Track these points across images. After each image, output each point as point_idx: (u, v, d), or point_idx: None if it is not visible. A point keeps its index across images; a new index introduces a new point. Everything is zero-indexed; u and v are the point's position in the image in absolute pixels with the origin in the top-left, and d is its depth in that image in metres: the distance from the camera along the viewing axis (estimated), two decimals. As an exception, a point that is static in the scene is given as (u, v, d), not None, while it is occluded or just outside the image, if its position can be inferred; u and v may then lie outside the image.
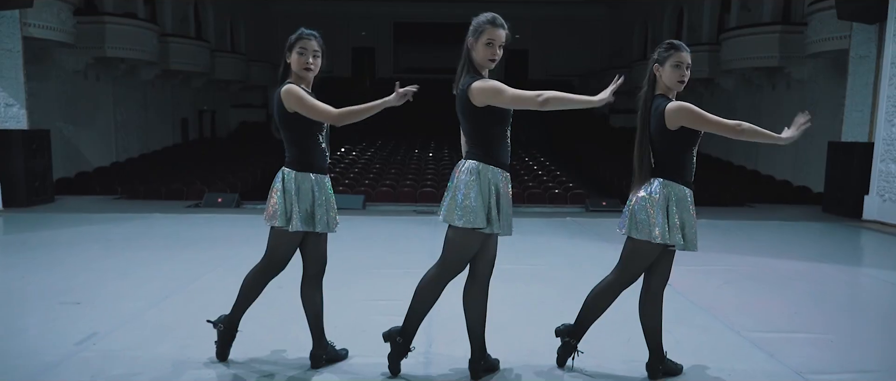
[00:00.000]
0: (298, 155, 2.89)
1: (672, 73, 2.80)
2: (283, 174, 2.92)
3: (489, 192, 2.74)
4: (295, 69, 2.88)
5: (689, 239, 2.82)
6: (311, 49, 2.87)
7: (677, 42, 2.87)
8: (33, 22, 11.57)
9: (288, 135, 2.89)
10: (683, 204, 2.80)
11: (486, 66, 2.75)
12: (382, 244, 6.63)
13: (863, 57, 10.06)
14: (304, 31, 2.91)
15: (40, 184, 9.33)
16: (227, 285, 4.66)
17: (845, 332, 3.80)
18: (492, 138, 2.76)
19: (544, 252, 6.23)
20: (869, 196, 8.91)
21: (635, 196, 2.85)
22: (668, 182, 2.79)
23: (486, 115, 2.72)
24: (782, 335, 3.68)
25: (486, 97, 2.66)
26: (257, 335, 3.48)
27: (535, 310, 4.15)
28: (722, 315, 4.03)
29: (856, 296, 4.84)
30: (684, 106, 2.74)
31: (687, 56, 2.82)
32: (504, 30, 2.75)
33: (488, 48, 2.72)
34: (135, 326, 3.69)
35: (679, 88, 2.84)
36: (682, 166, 2.81)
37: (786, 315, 4.14)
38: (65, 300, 4.17)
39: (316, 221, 2.90)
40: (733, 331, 3.74)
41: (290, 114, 2.81)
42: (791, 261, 5.98)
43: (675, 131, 2.76)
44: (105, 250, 5.97)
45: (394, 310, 4.06)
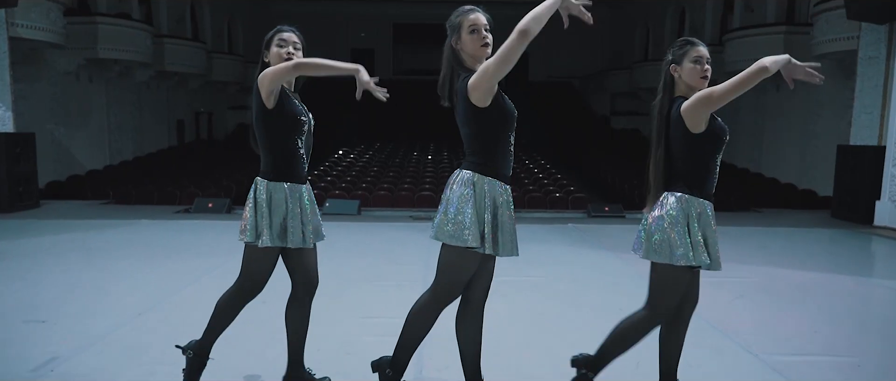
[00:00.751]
0: (274, 162, 2.60)
1: (693, 69, 2.50)
2: (256, 185, 2.64)
3: (484, 207, 2.43)
4: (274, 64, 2.60)
5: (715, 258, 2.51)
6: (290, 41, 2.63)
7: (692, 38, 2.58)
8: (21, 22, 11.30)
9: (264, 139, 2.60)
10: (705, 219, 2.50)
11: (480, 55, 2.46)
12: (376, 253, 6.35)
13: (872, 58, 9.79)
14: (280, 26, 2.69)
15: (25, 189, 9.05)
16: (208, 299, 4.35)
17: (871, 354, 3.52)
18: (493, 145, 2.45)
19: (545, 262, 5.94)
20: (880, 201, 8.63)
21: (650, 215, 2.55)
22: (686, 196, 2.48)
23: (489, 116, 2.41)
24: (804, 358, 3.39)
25: (483, 82, 2.33)
26: (232, 359, 3.20)
27: (534, 328, 3.86)
28: (737, 335, 3.74)
29: (877, 312, 4.56)
30: (694, 96, 2.44)
31: (705, 50, 2.53)
32: (481, 13, 2.52)
33: (475, 35, 2.45)
34: (100, 348, 3.39)
35: (703, 84, 2.52)
36: (705, 177, 2.50)
37: (805, 334, 3.85)
38: (29, 319, 3.89)
39: (288, 235, 2.61)
40: (751, 353, 3.45)
41: (270, 110, 2.53)
42: (805, 272, 5.69)
43: (700, 135, 2.45)
44: (83, 261, 5.69)
45: (384, 329, 3.78)
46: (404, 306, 4.32)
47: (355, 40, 29.17)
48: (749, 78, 2.36)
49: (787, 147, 16.34)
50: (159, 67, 17.57)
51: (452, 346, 2.79)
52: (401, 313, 4.09)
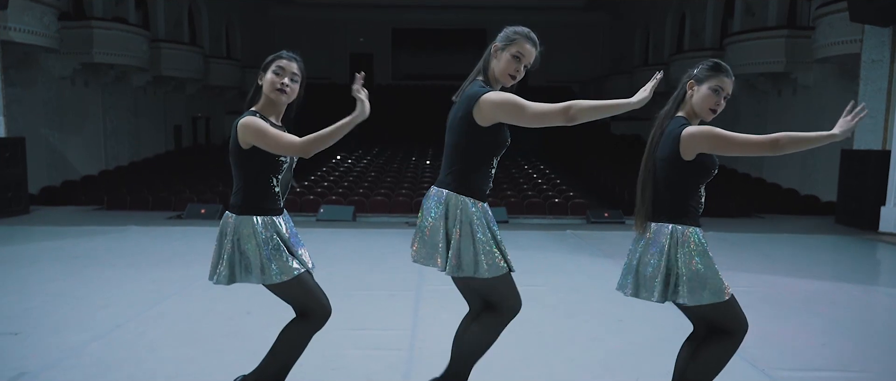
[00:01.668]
0: (244, 197, 2.38)
1: (708, 97, 2.33)
2: (227, 222, 2.41)
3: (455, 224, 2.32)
4: (266, 91, 2.41)
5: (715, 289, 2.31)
6: (289, 70, 2.41)
7: (725, 65, 2.37)
8: (14, 26, 11.17)
9: (238, 174, 2.39)
10: (704, 248, 2.32)
11: (503, 80, 2.39)
12: (369, 261, 6.18)
13: (875, 61, 9.64)
14: (285, 52, 2.47)
15: (14, 194, 8.90)
16: (189, 311, 4.23)
17: (884, 369, 3.34)
18: (475, 163, 2.34)
19: (543, 270, 5.78)
20: (886, 207, 8.47)
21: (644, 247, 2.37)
22: (683, 227, 2.31)
23: (484, 138, 2.30)
24: (814, 374, 3.22)
25: (502, 113, 2.25)
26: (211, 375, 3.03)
27: (530, 341, 3.69)
28: (742, 350, 3.53)
29: (886, 322, 4.38)
30: (705, 128, 2.28)
31: (730, 84, 2.36)
32: (536, 49, 2.40)
33: (513, 62, 2.36)
34: (72, 363, 3.23)
35: (709, 116, 2.37)
36: (693, 204, 2.35)
37: (814, 348, 3.68)
38: (2, 330, 3.72)
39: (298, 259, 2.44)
40: (758, 369, 3.28)
41: (245, 150, 2.34)
42: (810, 281, 5.52)
43: (690, 162, 2.30)
44: (66, 269, 5.52)
45: (372, 342, 3.62)
46: (395, 316, 4.18)
47: (354, 45, 29.06)
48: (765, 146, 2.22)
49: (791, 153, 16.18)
50: (156, 71, 17.46)
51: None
52: (391, 325, 3.95)
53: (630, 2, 25.75)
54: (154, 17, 18.21)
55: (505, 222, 9.15)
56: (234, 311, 4.20)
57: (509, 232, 8.18)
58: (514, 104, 2.23)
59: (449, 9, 27.22)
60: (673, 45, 22.20)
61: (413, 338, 3.70)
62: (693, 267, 2.27)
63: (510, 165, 17.40)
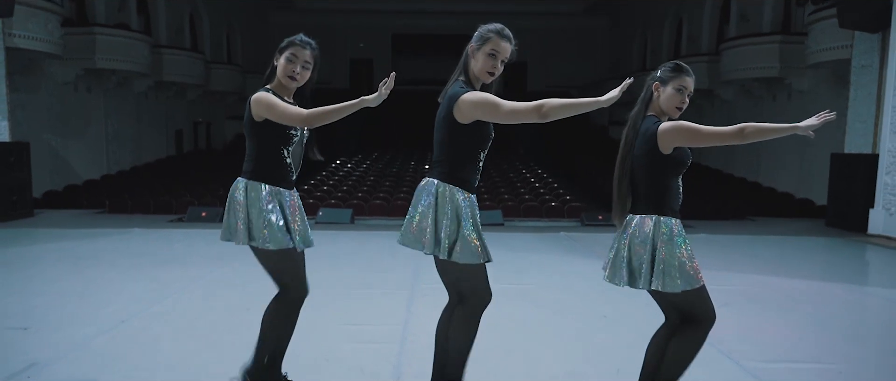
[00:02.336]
0: (255, 167, 2.58)
1: (673, 96, 2.50)
2: (237, 186, 2.60)
3: (444, 214, 2.45)
4: (279, 75, 2.60)
5: (689, 276, 2.46)
6: (302, 58, 2.59)
7: (685, 65, 2.54)
8: (18, 32, 11.36)
9: (251, 145, 2.60)
10: (682, 239, 2.47)
11: (482, 78, 2.51)
12: (365, 261, 6.34)
13: (865, 66, 9.82)
14: (302, 37, 2.63)
15: (18, 198, 9.06)
16: (190, 308, 4.39)
17: (854, 361, 3.49)
18: (461, 158, 2.49)
19: (535, 270, 5.93)
20: (874, 210, 8.62)
21: (625, 237, 2.53)
22: (655, 218, 2.47)
23: (467, 134, 2.45)
24: (786, 365, 3.37)
25: (478, 111, 2.39)
26: (210, 367, 3.18)
27: (517, 335, 3.84)
28: (720, 343, 3.72)
29: (864, 319, 4.53)
30: (678, 123, 2.44)
31: (692, 82, 2.52)
32: (511, 44, 2.52)
33: (490, 59, 2.48)
34: (79, 355, 3.38)
35: (675, 114, 2.53)
36: (671, 196, 2.50)
37: (790, 342, 3.83)
38: (12, 326, 3.88)
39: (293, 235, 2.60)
40: (732, 360, 3.43)
41: (258, 123, 2.54)
42: (794, 280, 5.67)
43: (667, 156, 2.45)
44: (71, 269, 5.68)
45: (365, 336, 3.78)
46: (388, 312, 4.33)
47: (354, 51, 29.29)
48: (726, 135, 2.37)
49: (784, 156, 16.33)
50: (158, 77, 17.64)
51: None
52: (384, 321, 4.10)
53: (629, 7, 25.96)
54: (156, 23, 18.42)
55: (500, 225, 9.31)
56: (234, 307, 4.36)
57: (505, 234, 8.35)
58: (489, 103, 2.37)
59: (448, 15, 27.44)
60: (670, 50, 22.37)
61: (404, 333, 3.85)
62: (672, 256, 2.42)
63: (508, 169, 17.56)
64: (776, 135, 2.40)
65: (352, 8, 27.45)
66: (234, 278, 5.29)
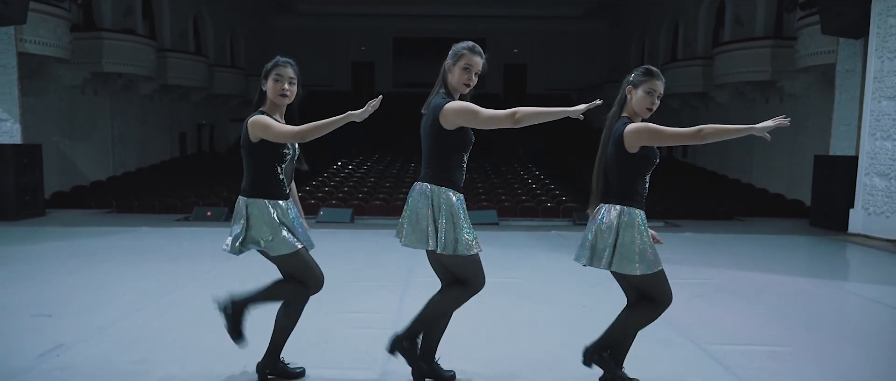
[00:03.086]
0: (252, 183, 2.90)
1: (643, 98, 2.81)
2: (238, 203, 2.93)
3: (440, 213, 2.79)
4: (270, 96, 2.91)
5: (649, 261, 2.79)
6: (286, 76, 2.90)
7: (655, 69, 2.86)
8: (29, 38, 11.73)
9: (248, 163, 2.92)
10: (644, 228, 2.81)
11: (459, 90, 2.85)
12: (363, 257, 6.67)
13: (849, 71, 10.12)
14: (280, 58, 2.95)
15: (31, 198, 9.42)
16: (198, 299, 4.74)
17: (806, 344, 3.82)
18: (447, 161, 2.83)
19: (522, 266, 6.27)
20: (854, 210, 8.93)
21: (593, 224, 2.86)
22: (622, 208, 2.80)
23: (451, 139, 2.79)
24: (742, 348, 3.70)
25: (461, 119, 2.73)
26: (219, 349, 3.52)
27: (500, 322, 4.17)
28: (685, 329, 4.06)
29: (824, 309, 4.85)
30: (642, 125, 2.77)
31: (661, 86, 2.83)
32: (482, 58, 2.85)
33: (465, 73, 2.82)
34: (100, 339, 3.73)
35: (646, 114, 2.85)
36: (638, 190, 2.82)
37: (750, 328, 4.16)
38: (36, 313, 4.23)
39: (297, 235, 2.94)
40: (693, 343, 3.77)
41: (254, 143, 2.85)
42: (767, 274, 6.00)
43: (634, 154, 2.78)
44: (86, 264, 6.03)
45: (362, 323, 4.12)
46: (384, 304, 4.67)
47: (356, 54, 29.64)
48: (688, 136, 2.68)
49: (776, 158, 16.64)
50: (163, 80, 18.01)
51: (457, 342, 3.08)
52: (379, 310, 4.45)
53: (627, 11, 26.29)
54: (160, 27, 18.80)
55: (495, 224, 9.64)
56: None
57: (499, 233, 8.68)
58: (470, 110, 2.72)
59: (449, 18, 27.79)
60: (667, 53, 22.70)
61: (397, 319, 4.18)
62: (632, 242, 2.76)
63: (507, 171, 17.89)
64: (733, 135, 2.71)
65: (353, 11, 27.79)
66: (240, 272, 5.63)
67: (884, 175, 8.46)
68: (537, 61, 30.08)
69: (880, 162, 8.52)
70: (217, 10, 22.12)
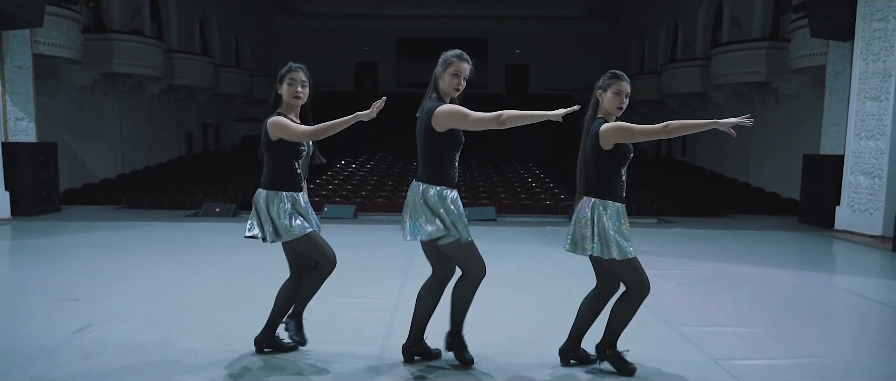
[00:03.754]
0: (271, 177, 3.24)
1: (612, 99, 3.15)
2: (257, 196, 3.27)
3: (437, 206, 3.10)
4: (285, 99, 3.27)
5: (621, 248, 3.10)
6: (299, 80, 3.26)
7: (620, 72, 3.20)
8: (43, 40, 12.11)
9: (268, 160, 3.27)
10: (618, 219, 3.13)
11: (450, 94, 3.17)
12: (366, 249, 7.01)
13: (838, 73, 10.42)
14: (292, 64, 3.31)
15: (47, 194, 9.79)
16: (213, 285, 5.10)
17: (772, 327, 4.15)
18: (440, 160, 3.14)
19: (515, 258, 6.60)
20: (840, 207, 9.24)
21: (576, 214, 3.20)
22: (600, 201, 3.13)
23: (444, 140, 3.10)
24: (713, 329, 4.04)
25: (451, 121, 3.04)
26: (234, 328, 3.86)
27: (490, 306, 4.49)
28: (664, 313, 4.39)
29: (796, 296, 5.17)
30: (614, 124, 3.10)
31: (627, 86, 3.17)
32: (469, 65, 3.18)
33: (454, 79, 3.14)
34: (126, 318, 4.09)
35: (617, 113, 3.19)
36: (615, 184, 3.15)
37: (723, 312, 4.49)
38: (64, 297, 4.58)
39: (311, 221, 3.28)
40: (668, 325, 4.11)
41: (274, 142, 3.20)
42: (749, 266, 6.32)
43: (609, 151, 3.10)
44: (105, 255, 6.39)
45: (363, 306, 4.47)
46: (385, 291, 5.01)
47: (359, 54, 29.98)
48: (657, 132, 2.99)
49: (772, 158, 16.94)
50: (170, 80, 18.38)
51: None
52: (380, 296, 4.79)
53: (627, 12, 26.58)
54: (167, 28, 19.18)
55: (493, 220, 9.97)
56: (251, 285, 5.06)
57: (496, 228, 9.01)
58: (460, 113, 3.05)
59: (451, 19, 28.13)
60: (667, 54, 22.98)
61: (397, 304, 4.54)
62: (608, 230, 3.09)
63: (507, 170, 18.23)
64: (698, 129, 3.04)
65: (356, 12, 28.12)
66: (251, 262, 6.00)
67: (868, 174, 8.77)
68: (538, 62, 30.38)
69: (864, 161, 8.83)
70: (222, 11, 22.50)
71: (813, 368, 3.38)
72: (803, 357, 3.54)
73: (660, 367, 3.36)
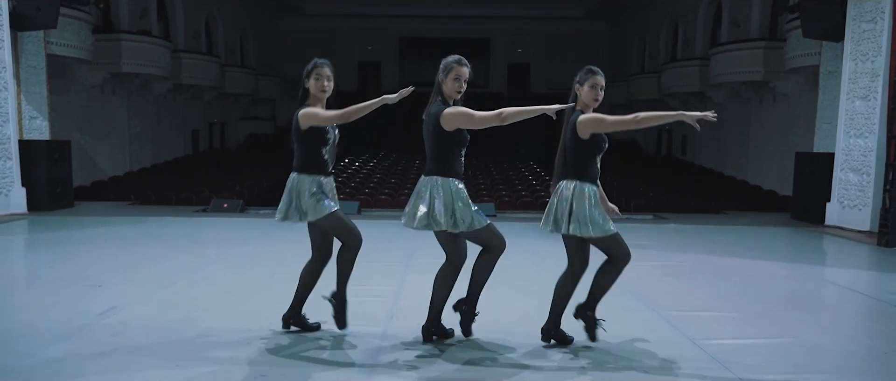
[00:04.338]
0: (302, 161, 3.55)
1: (589, 92, 3.47)
2: (290, 179, 3.57)
3: (451, 198, 3.39)
4: (313, 92, 3.57)
5: (599, 225, 3.41)
6: (325, 74, 3.57)
7: (594, 68, 3.53)
8: (55, 40, 12.43)
9: (299, 148, 3.56)
10: (593, 199, 3.43)
11: (453, 96, 3.49)
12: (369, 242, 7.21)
13: (831, 72, 10.67)
14: (318, 60, 3.61)
15: (61, 190, 10.12)
16: (225, 274, 5.41)
17: (750, 312, 4.44)
18: (448, 155, 3.45)
19: (512, 250, 6.78)
20: (830, 203, 9.50)
21: (555, 197, 3.49)
22: (577, 183, 3.43)
23: (452, 138, 3.41)
24: (694, 314, 4.32)
25: (458, 121, 3.36)
26: (248, 311, 4.15)
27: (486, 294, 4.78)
28: (649, 299, 4.68)
29: (777, 285, 5.43)
30: (590, 115, 3.42)
31: (601, 80, 3.49)
32: (468, 68, 3.50)
33: (456, 83, 3.46)
34: (147, 301, 4.40)
35: (594, 104, 3.51)
36: (591, 170, 3.46)
37: (706, 299, 4.78)
38: (87, 284, 4.89)
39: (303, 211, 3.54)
40: (652, 310, 4.39)
41: (304, 131, 3.50)
42: (737, 259, 6.60)
43: (586, 140, 3.41)
44: (120, 247, 6.71)
45: (367, 292, 4.76)
46: (388, 279, 5.30)
47: (362, 54, 30.28)
48: (627, 122, 3.28)
49: (770, 156, 17.18)
50: (176, 80, 18.71)
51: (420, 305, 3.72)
52: (383, 284, 5.08)
53: (628, 12, 26.82)
54: (174, 28, 19.51)
55: (493, 216, 10.26)
56: (262, 274, 5.37)
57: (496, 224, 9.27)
58: (466, 114, 3.37)
59: (454, 19, 28.42)
60: (667, 54, 23.22)
61: (399, 291, 4.84)
62: (585, 210, 3.40)
63: (508, 168, 18.52)
64: (666, 120, 3.39)
65: (359, 13, 28.42)
66: (260, 254, 6.32)
67: (856, 170, 9.03)
68: (540, 61, 30.65)
69: (854, 158, 9.09)
70: (228, 11, 22.83)
71: (780, 346, 3.66)
72: (773, 337, 3.83)
73: (642, 346, 3.65)
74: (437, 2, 28.14)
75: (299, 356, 3.41)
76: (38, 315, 4.05)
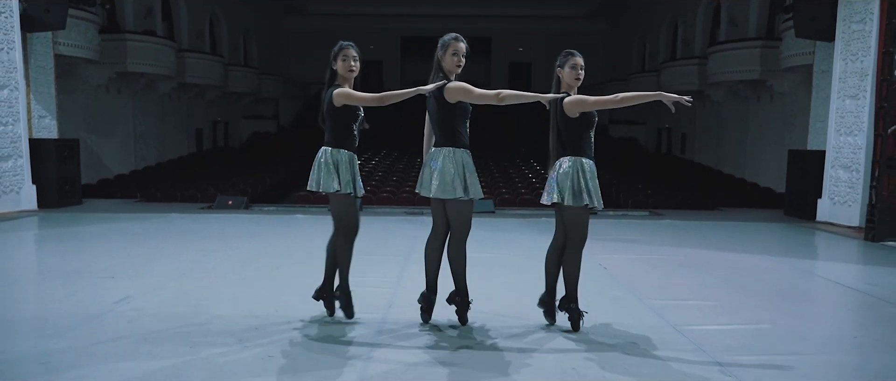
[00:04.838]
0: (335, 137, 3.76)
1: (569, 73, 3.76)
2: (321, 151, 3.77)
3: (461, 168, 3.65)
4: (341, 73, 3.78)
5: (596, 198, 3.66)
6: (351, 55, 3.80)
7: (572, 50, 3.81)
8: (63, 41, 12.69)
9: (331, 124, 3.77)
10: (590, 172, 3.67)
11: (453, 71, 3.73)
12: (370, 237, 7.49)
13: (824, 71, 10.86)
14: (343, 43, 3.83)
15: (70, 187, 10.36)
16: (232, 267, 5.65)
17: (731, 301, 4.65)
18: (455, 127, 3.69)
19: (508, 245, 7.11)
20: (822, 200, 9.70)
21: (555, 172, 3.72)
22: (576, 158, 3.67)
23: (454, 110, 3.66)
24: (677, 302, 4.54)
25: (460, 94, 3.61)
26: (255, 300, 4.38)
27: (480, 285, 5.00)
28: (636, 289, 4.90)
29: (762, 277, 5.64)
30: (574, 96, 3.72)
31: (580, 60, 3.77)
32: (465, 44, 3.76)
33: (454, 58, 3.71)
34: (158, 292, 4.63)
35: (576, 84, 3.78)
36: (586, 145, 3.72)
37: (691, 290, 5.00)
38: (100, 276, 5.13)
39: (356, 187, 3.78)
40: (639, 300, 4.61)
41: (337, 108, 3.71)
42: (726, 253, 6.81)
43: (575, 119, 3.67)
44: (130, 241, 6.94)
45: (368, 281, 4.99)
46: (387, 268, 5.52)
47: (364, 53, 30.06)
48: (608, 102, 3.50)
49: (767, 154, 17.38)
50: (181, 79, 18.98)
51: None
52: (383, 274, 5.31)
53: (628, 12, 27.02)
54: (178, 28, 19.77)
55: (491, 213, 10.48)
56: (267, 266, 5.60)
57: (494, 220, 9.53)
58: (466, 88, 3.61)
59: (455, 18, 28.57)
60: (666, 53, 23.42)
61: (398, 281, 5.07)
62: (580, 181, 3.64)
63: (508, 166, 18.75)
64: (645, 100, 3.60)
65: (361, 12, 28.66)
66: (265, 248, 6.55)
67: (846, 168, 9.23)
68: (541, 60, 30.83)
69: (844, 156, 9.29)
70: (231, 11, 23.08)
71: (757, 332, 3.88)
72: (750, 324, 4.04)
73: (625, 330, 3.87)
74: (439, 1, 28.36)
75: (302, 340, 3.63)
76: (55, 305, 4.29)
